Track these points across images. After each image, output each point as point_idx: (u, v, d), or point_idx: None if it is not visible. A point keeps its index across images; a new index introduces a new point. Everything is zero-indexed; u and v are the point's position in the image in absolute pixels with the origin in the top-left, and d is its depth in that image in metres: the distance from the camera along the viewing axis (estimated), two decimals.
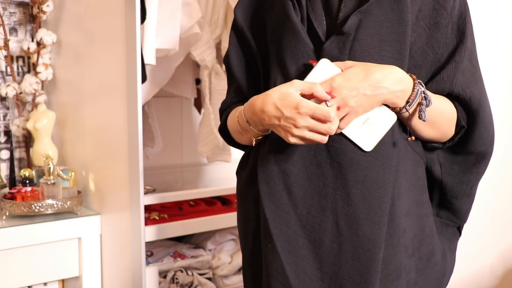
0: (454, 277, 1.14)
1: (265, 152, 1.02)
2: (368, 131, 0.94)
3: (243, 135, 1.05)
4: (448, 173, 1.07)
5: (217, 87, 1.86)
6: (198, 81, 2.08)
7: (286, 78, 0.98)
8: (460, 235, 1.15)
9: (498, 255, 2.48)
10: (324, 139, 0.90)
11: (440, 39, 0.98)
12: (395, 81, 0.91)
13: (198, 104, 2.20)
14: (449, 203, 1.09)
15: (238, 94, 1.14)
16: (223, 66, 1.68)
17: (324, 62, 0.93)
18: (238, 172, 1.16)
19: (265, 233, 1.00)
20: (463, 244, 2.38)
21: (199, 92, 2.10)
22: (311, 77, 0.92)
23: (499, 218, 2.46)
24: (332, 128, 0.89)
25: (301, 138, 0.91)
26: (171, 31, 1.67)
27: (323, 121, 0.88)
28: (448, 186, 1.08)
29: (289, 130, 0.91)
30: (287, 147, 0.98)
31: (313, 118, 0.88)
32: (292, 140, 0.91)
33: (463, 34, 1.00)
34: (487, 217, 2.40)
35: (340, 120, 0.91)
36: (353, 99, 0.90)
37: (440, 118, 0.99)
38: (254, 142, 1.04)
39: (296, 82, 0.91)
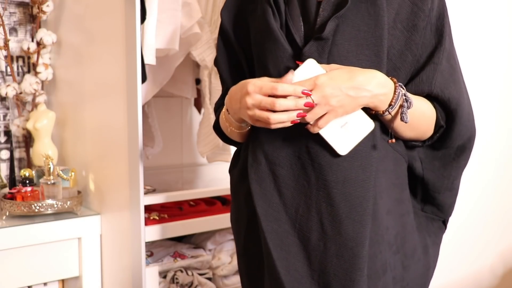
0: (454, 277, 1.14)
1: (256, 152, 1.04)
2: (345, 135, 0.95)
3: (229, 129, 1.08)
4: (429, 169, 1.09)
5: (217, 87, 1.86)
6: (198, 81, 2.08)
7: None
8: (445, 229, 1.17)
9: (498, 255, 2.48)
10: (269, 118, 0.91)
11: (418, 41, 1.00)
12: (378, 84, 0.93)
13: (198, 104, 2.20)
14: (433, 198, 1.11)
15: None
16: None
17: (310, 62, 0.93)
18: (230, 170, 1.19)
19: (260, 230, 1.03)
20: (463, 244, 2.38)
21: (199, 92, 2.10)
22: (296, 75, 0.93)
23: (499, 218, 2.46)
24: (276, 102, 0.90)
25: (253, 118, 0.94)
26: (171, 31, 1.67)
27: (270, 95, 0.91)
28: (430, 181, 1.10)
29: (245, 112, 0.95)
30: (275, 149, 1.01)
31: (263, 94, 0.91)
32: (252, 122, 0.96)
33: (441, 35, 1.02)
34: (487, 217, 2.41)
35: (319, 118, 0.93)
36: (335, 98, 0.91)
37: (420, 119, 1.01)
38: (242, 130, 1.06)
39: (264, 78, 0.95)
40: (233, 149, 1.88)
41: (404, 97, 0.95)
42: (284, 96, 0.91)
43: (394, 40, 0.99)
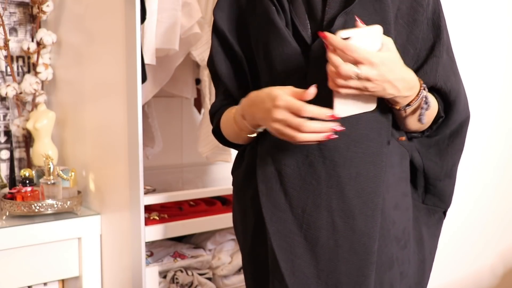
0: (454, 277, 1.15)
1: (263, 153, 1.04)
2: (349, 102, 0.93)
3: (238, 133, 1.07)
4: (427, 158, 1.11)
5: None
6: (198, 81, 2.08)
7: (276, 81, 1.00)
8: (444, 218, 1.18)
9: (498, 255, 2.48)
10: (295, 137, 0.90)
11: (418, 35, 1.02)
12: (407, 87, 0.94)
13: (198, 104, 2.20)
14: (434, 187, 1.13)
15: (227, 97, 1.15)
16: None
17: (378, 29, 0.89)
18: (233, 171, 1.18)
19: (265, 231, 1.03)
20: (463, 244, 2.38)
21: (199, 92, 2.10)
22: (358, 32, 0.88)
23: (499, 218, 2.47)
24: (303, 125, 0.89)
25: (278, 132, 0.92)
26: (171, 31, 1.67)
27: (297, 114, 0.89)
28: (430, 169, 1.11)
29: (270, 124, 0.93)
30: (281, 148, 1.01)
31: (291, 112, 0.90)
32: (276, 134, 0.94)
33: (439, 29, 1.04)
34: (487, 217, 2.41)
35: (341, 86, 0.89)
36: (372, 84, 0.89)
37: (428, 114, 1.03)
38: (253, 134, 1.05)
39: (289, 88, 0.92)
40: None
41: (424, 99, 0.97)
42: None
43: (396, 35, 0.99)
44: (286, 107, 0.90)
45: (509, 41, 2.40)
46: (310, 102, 0.92)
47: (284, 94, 0.91)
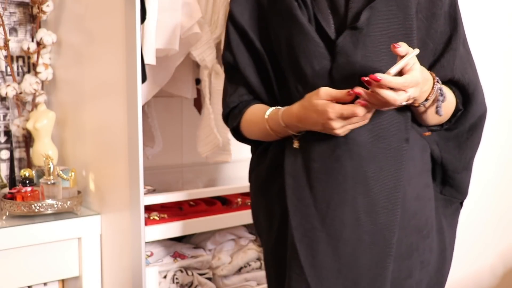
0: (454, 277, 1.16)
1: (292, 148, 1.05)
2: None
3: (269, 135, 1.08)
4: (445, 151, 1.12)
5: (217, 87, 1.86)
6: (198, 81, 2.08)
7: (302, 79, 1.02)
8: (461, 208, 1.20)
9: (498, 255, 2.49)
10: (367, 120, 0.95)
11: (437, 29, 1.03)
12: (424, 82, 0.95)
13: (198, 104, 2.20)
14: (452, 179, 1.14)
15: (250, 92, 1.14)
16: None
17: (416, 53, 0.92)
18: (254, 168, 1.18)
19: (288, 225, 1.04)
20: (463, 244, 2.38)
21: (199, 92, 2.10)
22: (403, 65, 0.91)
23: (499, 218, 2.47)
24: (366, 120, 0.94)
25: (344, 132, 0.96)
26: (171, 31, 1.67)
27: (352, 117, 0.93)
28: (448, 162, 1.12)
29: (331, 132, 0.96)
30: (309, 143, 1.02)
31: (345, 118, 0.93)
32: (342, 135, 0.97)
33: (456, 22, 1.05)
34: (487, 217, 2.41)
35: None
36: (415, 98, 0.93)
37: (446, 107, 1.04)
38: (296, 145, 1.06)
39: (326, 90, 0.95)
40: (233, 148, 1.87)
41: (439, 92, 0.98)
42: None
43: (416, 29, 1.00)
44: (339, 117, 0.93)
45: (510, 41, 2.40)
46: None
47: (330, 105, 0.93)
